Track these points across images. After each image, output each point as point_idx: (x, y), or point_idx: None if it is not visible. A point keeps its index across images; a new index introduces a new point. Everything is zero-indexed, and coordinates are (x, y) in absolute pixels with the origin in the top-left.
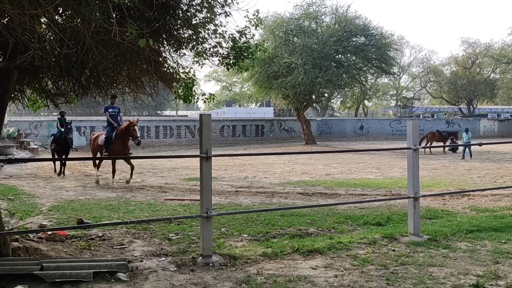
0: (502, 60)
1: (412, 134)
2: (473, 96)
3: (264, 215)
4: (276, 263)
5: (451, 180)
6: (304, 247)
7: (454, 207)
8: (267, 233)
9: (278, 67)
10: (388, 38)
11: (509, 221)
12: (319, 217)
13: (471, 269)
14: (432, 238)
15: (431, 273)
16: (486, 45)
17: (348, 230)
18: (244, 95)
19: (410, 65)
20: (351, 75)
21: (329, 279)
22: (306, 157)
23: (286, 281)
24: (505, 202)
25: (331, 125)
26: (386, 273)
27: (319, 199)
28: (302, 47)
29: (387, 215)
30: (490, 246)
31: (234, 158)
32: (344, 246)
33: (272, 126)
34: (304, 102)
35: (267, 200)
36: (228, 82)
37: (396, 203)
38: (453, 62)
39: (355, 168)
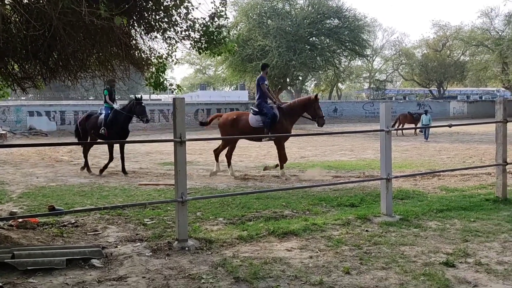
0: (471, 43)
1: (384, 116)
2: (443, 79)
3: (240, 199)
4: (252, 245)
5: (422, 161)
6: (280, 230)
7: (425, 187)
8: (243, 216)
9: (252, 50)
10: (361, 21)
11: (478, 200)
12: (294, 199)
13: (441, 247)
14: (404, 218)
15: (402, 252)
16: (456, 28)
17: (323, 211)
18: (218, 78)
19: (382, 48)
20: (325, 58)
21: (304, 260)
22: None
23: (262, 263)
24: (473, 182)
25: None
26: (359, 253)
27: (294, 182)
28: (276, 30)
29: (361, 196)
30: (460, 225)
31: (209, 142)
32: (319, 228)
33: (247, 110)
34: (278, 85)
35: (242, 183)
36: (202, 65)
37: (369, 184)
38: (424, 45)
39: (329, 151)
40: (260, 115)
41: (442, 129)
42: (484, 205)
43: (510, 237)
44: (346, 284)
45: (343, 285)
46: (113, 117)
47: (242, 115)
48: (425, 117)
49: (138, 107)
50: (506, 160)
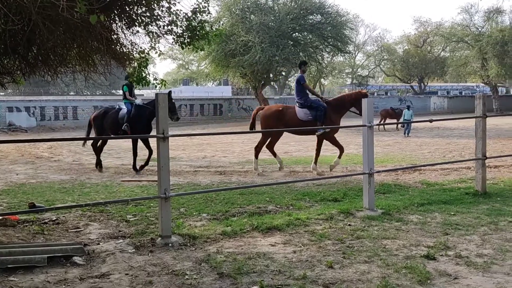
0: (451, 39)
1: (367, 111)
2: (424, 74)
3: (224, 194)
4: (236, 241)
5: (404, 156)
6: (263, 225)
7: (406, 181)
8: (227, 212)
9: (235, 45)
10: (343, 17)
11: (458, 194)
12: (278, 194)
13: (422, 241)
14: (386, 212)
15: (384, 245)
16: (437, 24)
17: (306, 206)
18: (202, 73)
19: (364, 44)
20: (307, 54)
21: (288, 255)
22: None
23: (246, 259)
24: (453, 176)
25: (288, 104)
26: (342, 247)
27: (277, 177)
28: (259, 25)
29: (343, 191)
30: (440, 218)
31: (192, 138)
32: (302, 222)
33: (230, 105)
34: (262, 81)
35: (226, 179)
36: (185, 60)
37: (352, 179)
38: (405, 41)
39: (312, 146)
40: (309, 109)
41: (423, 124)
42: (464, 199)
43: (489, 230)
44: (329, 278)
45: (326, 279)
46: (136, 113)
47: (288, 108)
48: (407, 112)
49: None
50: (485, 154)
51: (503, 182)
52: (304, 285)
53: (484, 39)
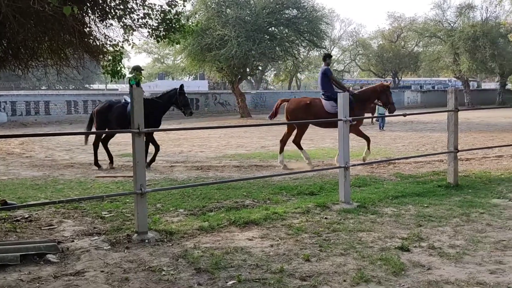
0: (425, 34)
1: (343, 106)
2: (398, 69)
3: (201, 189)
4: (213, 236)
5: (378, 149)
6: (241, 219)
7: (381, 174)
8: (204, 207)
9: (211, 40)
10: (319, 12)
11: (431, 187)
12: (255, 189)
13: (397, 233)
14: (361, 205)
15: (360, 238)
16: (410, 19)
17: (283, 200)
18: (177, 67)
19: (340, 39)
20: (284, 48)
21: (265, 249)
22: (242, 130)
23: (223, 253)
24: (427, 169)
25: (265, 98)
26: (319, 240)
27: (254, 172)
28: (235, 19)
29: (320, 185)
30: (414, 210)
31: (169, 133)
32: (279, 216)
33: (207, 100)
34: (238, 75)
35: (203, 174)
36: (160, 54)
37: (328, 172)
38: (380, 36)
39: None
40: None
41: (397, 118)
42: (437, 191)
43: (461, 221)
44: (306, 271)
45: (303, 272)
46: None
47: (315, 100)
48: (381, 107)
49: (181, 98)
50: (457, 147)
51: (474, 174)
52: (281, 278)
53: (456, 35)
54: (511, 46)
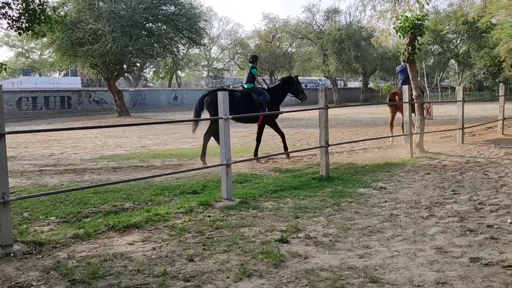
0: (297, 36)
1: (222, 104)
2: (274, 68)
3: (75, 194)
4: (90, 243)
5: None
6: (120, 223)
7: (261, 170)
8: (79, 213)
9: (83, 34)
10: (197, 9)
11: (306, 180)
12: (135, 191)
13: (276, 226)
14: (243, 200)
15: (242, 233)
16: (284, 21)
17: (165, 201)
18: (45, 63)
19: (219, 37)
20: (162, 45)
21: (147, 253)
22: (120, 129)
23: (101, 261)
24: (302, 163)
25: (145, 96)
26: (202, 239)
27: (134, 173)
28: (109, 13)
29: (203, 183)
30: (291, 203)
31: (37, 134)
32: (162, 218)
33: (80, 98)
34: (114, 72)
35: (77, 177)
36: (25, 48)
37: (211, 170)
38: (256, 36)
39: (170, 139)
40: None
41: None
42: (311, 184)
43: (333, 211)
44: (189, 271)
45: (187, 272)
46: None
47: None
48: None
49: (298, 85)
50: (328, 142)
51: (343, 166)
52: (164, 281)
53: (325, 37)
54: (372, 48)
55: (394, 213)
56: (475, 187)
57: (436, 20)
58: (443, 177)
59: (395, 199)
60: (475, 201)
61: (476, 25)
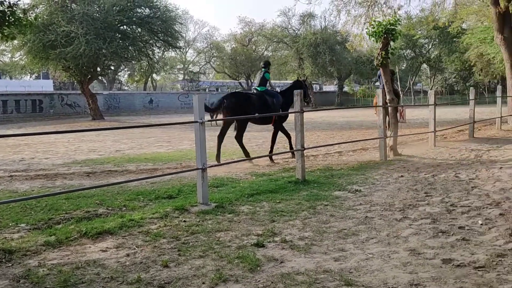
0: (273, 39)
1: (198, 108)
2: (250, 72)
3: (46, 200)
4: (61, 251)
5: (235, 150)
6: (93, 230)
7: (237, 174)
8: (50, 220)
9: (56, 36)
10: (172, 12)
11: (282, 183)
12: (109, 196)
13: (253, 230)
14: (219, 205)
15: (218, 238)
16: (260, 25)
17: (140, 206)
18: (16, 66)
19: (195, 40)
20: (137, 48)
21: (120, 259)
22: (94, 133)
23: (73, 269)
24: (278, 166)
25: (119, 99)
26: (178, 244)
27: (108, 178)
28: (82, 15)
29: (178, 188)
30: (268, 207)
31: (7, 139)
32: (136, 223)
33: (52, 101)
34: (88, 75)
35: (49, 183)
36: None
37: (187, 175)
38: (233, 39)
39: (146, 143)
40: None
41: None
42: (287, 187)
43: (309, 214)
44: (164, 277)
45: (161, 279)
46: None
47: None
48: None
49: (306, 89)
50: (303, 145)
51: (319, 170)
52: None
53: (300, 41)
54: (347, 52)
55: (369, 216)
56: (447, 189)
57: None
58: (416, 179)
59: (369, 202)
60: (447, 203)
61: (447, 30)
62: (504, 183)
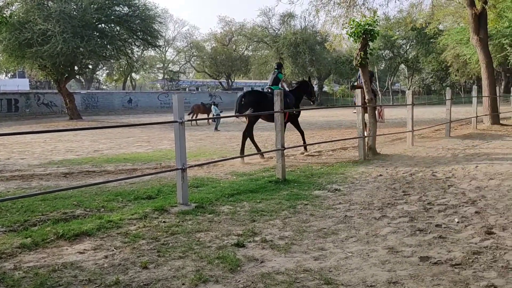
0: (253, 39)
1: (177, 107)
2: (231, 71)
3: (22, 202)
4: (38, 253)
5: (215, 149)
6: (70, 232)
7: (217, 174)
8: (26, 222)
9: (32, 34)
10: (152, 10)
11: (262, 183)
12: (87, 197)
13: (233, 230)
14: (199, 205)
15: (198, 238)
16: (240, 24)
17: (119, 207)
18: None
19: (174, 39)
20: (116, 47)
21: (98, 261)
22: (71, 133)
23: (50, 271)
24: (259, 166)
25: (98, 99)
26: (157, 245)
27: (86, 178)
28: (59, 13)
29: (158, 188)
30: (248, 207)
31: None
32: (115, 224)
33: (28, 100)
34: (65, 74)
35: (24, 184)
36: None
37: (166, 175)
38: (213, 39)
39: (125, 143)
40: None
41: (232, 119)
42: (268, 187)
43: (289, 213)
44: (143, 279)
45: (140, 280)
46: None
47: None
48: (214, 108)
49: (312, 88)
50: (283, 145)
51: (299, 169)
52: None
53: (280, 41)
54: (326, 53)
55: (348, 215)
56: (424, 187)
57: (387, 26)
58: (394, 178)
59: (349, 201)
60: (425, 202)
61: (424, 31)
62: (480, 181)
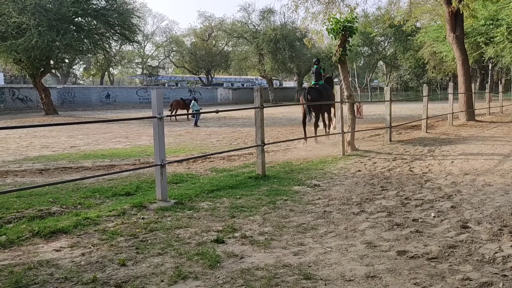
0: (233, 35)
1: (156, 103)
2: (210, 67)
3: None
4: (12, 251)
5: (195, 145)
6: (46, 229)
7: (197, 170)
8: (0, 219)
9: (6, 27)
10: (130, 4)
11: (242, 179)
12: (64, 194)
13: (212, 226)
14: (179, 201)
15: (178, 235)
16: (220, 19)
17: (96, 204)
18: None
19: (153, 34)
20: (93, 41)
21: (75, 259)
22: (47, 129)
23: (25, 270)
24: (239, 162)
25: (74, 94)
26: (135, 242)
27: (63, 175)
28: (34, 6)
29: (136, 184)
30: (228, 203)
31: None
32: (92, 222)
33: (3, 95)
34: (41, 68)
35: None
36: None
37: (145, 171)
38: (192, 34)
39: (102, 139)
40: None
41: (211, 115)
42: (248, 183)
43: (269, 209)
44: (121, 276)
45: (118, 278)
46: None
47: None
48: (195, 103)
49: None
50: (263, 141)
51: (279, 165)
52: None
53: (260, 37)
54: (306, 49)
55: (327, 210)
56: (401, 183)
57: (366, 23)
58: (372, 174)
59: (328, 196)
60: (402, 197)
61: (402, 28)
62: (455, 176)
